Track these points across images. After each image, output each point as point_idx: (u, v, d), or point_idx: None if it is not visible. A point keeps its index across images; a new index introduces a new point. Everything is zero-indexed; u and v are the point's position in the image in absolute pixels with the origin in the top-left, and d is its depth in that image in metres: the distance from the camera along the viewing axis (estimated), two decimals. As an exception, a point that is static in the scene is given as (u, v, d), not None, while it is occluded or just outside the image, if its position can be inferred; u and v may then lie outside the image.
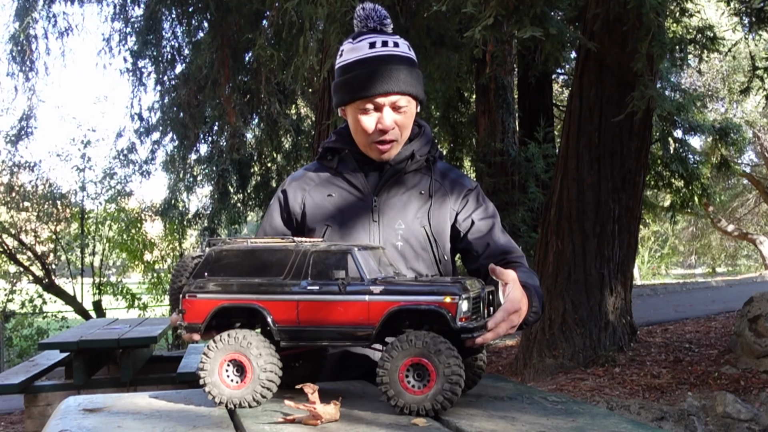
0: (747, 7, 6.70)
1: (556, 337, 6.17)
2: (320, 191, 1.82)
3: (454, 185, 1.83)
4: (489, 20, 4.60)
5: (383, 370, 1.23)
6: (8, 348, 12.59)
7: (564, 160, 6.41)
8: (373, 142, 1.76)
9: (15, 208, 13.27)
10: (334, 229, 1.77)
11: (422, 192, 1.79)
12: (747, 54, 10.71)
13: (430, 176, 1.82)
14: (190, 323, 1.36)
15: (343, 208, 1.79)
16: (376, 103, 1.71)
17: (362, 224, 1.77)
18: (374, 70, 1.69)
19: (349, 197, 1.80)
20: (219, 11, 8.94)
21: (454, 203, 1.82)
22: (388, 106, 1.71)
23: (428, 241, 1.77)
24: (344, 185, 1.81)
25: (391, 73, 1.69)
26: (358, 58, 1.72)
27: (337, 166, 1.83)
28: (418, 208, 1.78)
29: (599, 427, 1.21)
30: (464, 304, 1.24)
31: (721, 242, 27.44)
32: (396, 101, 1.71)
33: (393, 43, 1.72)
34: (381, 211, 1.77)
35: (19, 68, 10.40)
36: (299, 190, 1.85)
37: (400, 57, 1.72)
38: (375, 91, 1.69)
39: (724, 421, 4.41)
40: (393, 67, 1.69)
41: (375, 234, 1.76)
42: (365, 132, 1.75)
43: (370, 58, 1.70)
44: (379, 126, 1.72)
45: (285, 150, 13.80)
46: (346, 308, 1.28)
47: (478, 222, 1.81)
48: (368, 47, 1.71)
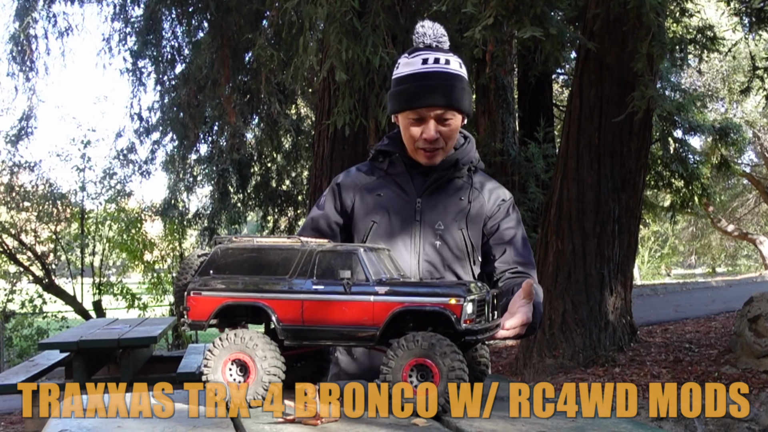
0: (747, 7, 6.70)
1: (556, 337, 6.16)
2: (370, 190, 1.98)
3: (491, 194, 1.99)
4: (489, 20, 4.60)
5: (387, 368, 1.23)
6: (8, 348, 12.59)
7: (564, 160, 6.41)
8: (420, 149, 1.91)
9: (15, 208, 13.27)
10: (379, 226, 1.93)
11: (462, 198, 1.95)
12: (747, 54, 10.71)
13: (471, 184, 1.98)
14: (194, 320, 1.36)
15: (389, 207, 1.94)
16: (422, 115, 1.87)
17: (405, 223, 1.92)
18: (423, 84, 1.84)
19: (396, 197, 1.95)
20: (219, 11, 8.93)
21: (489, 211, 1.97)
22: (433, 118, 1.86)
23: (464, 243, 1.92)
24: (392, 186, 1.97)
25: (437, 89, 1.84)
26: (410, 72, 1.87)
27: (387, 168, 1.99)
28: (457, 212, 1.93)
29: (599, 427, 1.21)
30: (469, 306, 1.25)
31: (721, 242, 27.44)
32: (441, 114, 1.86)
33: (444, 60, 1.86)
34: (423, 212, 1.92)
35: (19, 68, 10.38)
36: (351, 186, 2.01)
37: (448, 73, 1.86)
38: (421, 104, 1.85)
39: (724, 421, 4.41)
40: (441, 83, 1.85)
41: (416, 233, 1.91)
42: (412, 139, 1.91)
43: (420, 73, 1.85)
44: (424, 135, 1.87)
45: (285, 150, 13.80)
46: (351, 308, 1.28)
47: (502, 229, 1.96)
48: (421, 63, 1.86)
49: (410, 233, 1.91)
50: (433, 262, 1.90)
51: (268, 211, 14.05)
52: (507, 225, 1.98)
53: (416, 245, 1.91)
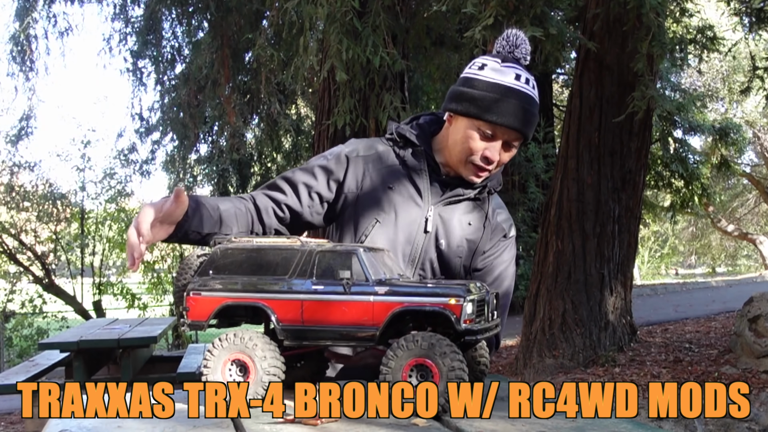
0: (747, 7, 6.70)
1: (556, 337, 6.17)
2: (382, 178, 1.77)
3: (496, 228, 1.85)
4: (489, 20, 4.60)
5: (387, 368, 1.23)
6: (8, 348, 12.59)
7: (564, 160, 6.41)
8: (471, 163, 1.74)
9: (15, 208, 13.27)
10: (382, 226, 1.75)
11: (470, 223, 1.80)
12: (747, 54, 10.71)
13: (485, 212, 1.83)
14: (193, 321, 1.36)
15: (397, 206, 1.76)
16: (495, 132, 1.70)
17: (410, 231, 1.76)
18: (512, 102, 1.68)
19: (408, 198, 1.77)
20: (219, 11, 8.93)
21: (488, 244, 1.84)
22: (502, 140, 1.72)
23: (458, 272, 1.80)
24: (406, 182, 1.78)
25: (522, 113, 1.69)
26: (502, 83, 1.69)
27: (407, 158, 1.79)
28: (462, 238, 1.79)
29: (599, 427, 1.21)
30: (468, 306, 1.25)
31: (721, 242, 27.45)
32: (512, 139, 1.72)
33: (532, 85, 1.73)
34: (431, 224, 1.76)
35: (19, 68, 10.38)
36: (363, 164, 1.79)
37: (534, 100, 1.72)
38: (503, 122, 1.68)
39: (724, 421, 4.41)
40: (526, 107, 1.70)
41: (419, 246, 1.76)
42: (470, 152, 1.72)
43: (513, 89, 1.69)
44: (487, 153, 1.71)
45: (285, 150, 13.81)
46: (350, 308, 1.28)
47: (492, 265, 1.85)
48: (514, 78, 1.70)
49: (413, 243, 1.76)
50: (426, 278, 1.78)
51: (269, 211, 14.04)
52: (500, 263, 1.86)
53: (416, 258, 1.76)
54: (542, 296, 6.30)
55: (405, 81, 7.51)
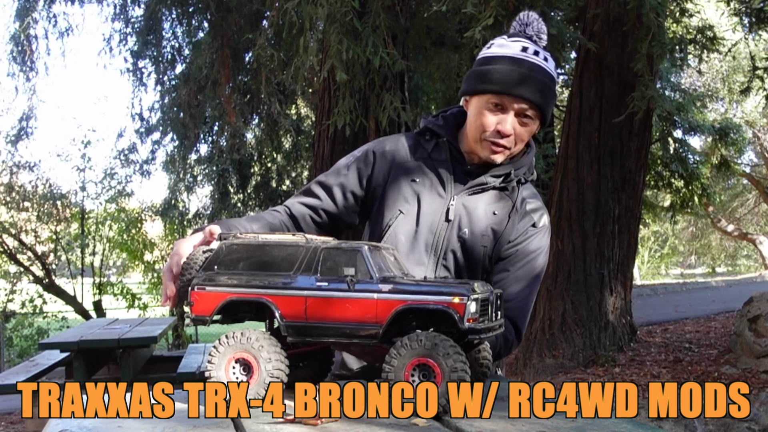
0: (747, 7, 6.71)
1: (556, 337, 6.17)
2: (407, 171, 1.77)
3: (524, 217, 1.79)
4: (489, 20, 4.60)
5: (389, 366, 1.23)
6: (8, 348, 12.59)
7: (564, 160, 6.42)
8: (487, 140, 1.70)
9: (15, 208, 13.28)
10: (405, 217, 1.74)
11: (496, 213, 1.75)
12: (747, 54, 10.71)
13: (513, 201, 1.77)
14: (197, 315, 1.36)
15: (421, 197, 1.75)
16: (504, 103, 1.67)
17: (433, 220, 1.74)
18: (517, 71, 1.65)
19: (431, 189, 1.75)
20: (219, 11, 8.93)
21: (514, 233, 1.78)
22: (514, 111, 1.67)
23: (481, 261, 1.75)
24: (431, 174, 1.76)
25: (531, 81, 1.65)
26: (506, 54, 1.67)
27: (431, 151, 1.78)
28: (486, 227, 1.74)
29: (599, 427, 1.21)
30: (472, 305, 1.25)
31: (721, 242, 27.45)
32: (524, 110, 1.67)
33: (543, 57, 1.69)
34: (454, 214, 1.73)
35: (19, 68, 10.39)
36: (389, 160, 1.79)
37: (544, 70, 1.68)
38: (510, 91, 1.65)
39: (724, 421, 4.41)
40: (535, 76, 1.66)
41: (441, 235, 1.73)
42: (482, 128, 1.69)
43: (518, 59, 1.66)
44: (499, 127, 1.67)
45: (285, 150, 13.81)
46: (354, 305, 1.28)
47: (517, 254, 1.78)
48: (520, 49, 1.67)
49: (435, 233, 1.74)
50: (450, 269, 1.74)
51: (269, 211, 14.05)
52: (525, 258, 1.78)
53: (438, 248, 1.74)
54: (542, 296, 6.30)
55: (405, 81, 7.50)
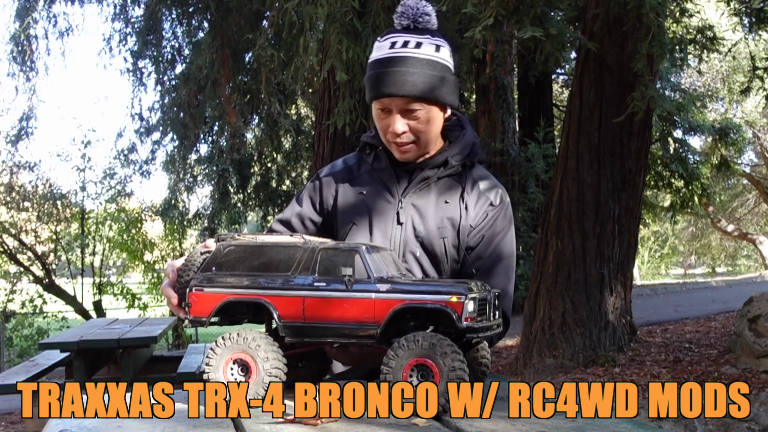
0: (747, 7, 6.70)
1: (556, 337, 6.16)
2: (354, 186, 1.79)
3: (479, 198, 1.76)
4: (489, 20, 4.60)
5: (388, 367, 1.23)
6: (8, 348, 12.59)
7: (564, 160, 6.41)
8: (391, 142, 1.72)
9: (15, 208, 13.29)
10: (359, 228, 1.75)
11: (448, 201, 1.74)
12: (747, 54, 10.71)
13: (462, 186, 1.75)
14: (195, 316, 1.36)
15: (371, 207, 1.76)
16: (385, 105, 1.67)
17: (386, 226, 1.74)
18: (384, 71, 1.63)
19: (379, 197, 1.76)
20: (219, 11, 8.94)
21: (474, 218, 1.75)
22: (397, 110, 1.66)
23: (444, 253, 1.72)
24: (376, 184, 1.78)
25: (398, 76, 1.62)
26: (375, 58, 1.68)
27: (373, 162, 1.80)
28: (441, 219, 1.73)
29: (599, 427, 1.21)
30: (470, 304, 1.25)
31: (721, 242, 27.45)
32: (405, 105, 1.65)
33: (415, 44, 1.64)
34: (405, 215, 1.73)
35: (19, 68, 10.41)
36: (334, 181, 1.83)
37: (413, 59, 1.63)
38: (379, 94, 1.65)
39: (724, 421, 4.41)
40: (404, 69, 1.62)
41: (396, 238, 1.73)
42: (383, 132, 1.72)
43: (384, 58, 1.65)
44: (390, 129, 1.68)
45: (285, 150, 13.82)
46: (352, 305, 1.28)
47: (486, 237, 1.75)
48: (389, 47, 1.65)
49: (390, 239, 1.73)
50: (413, 270, 1.71)
51: (268, 211, 14.07)
52: (494, 240, 1.75)
53: (395, 251, 1.71)
54: (542, 296, 6.30)
55: (405, 81, 7.49)
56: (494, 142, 11.14)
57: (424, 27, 1.67)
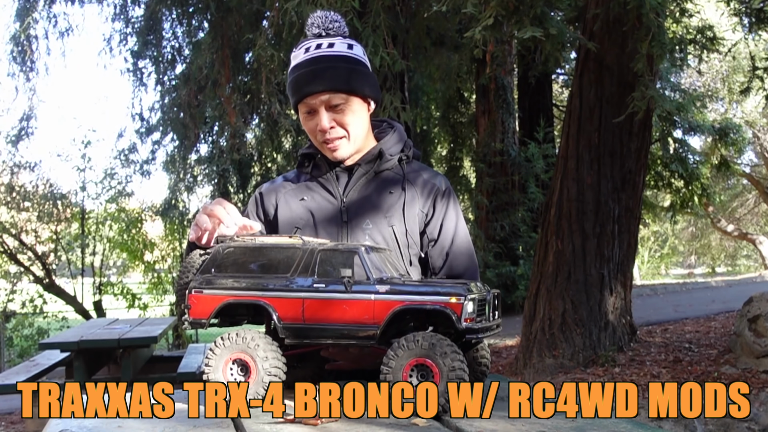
0: (747, 7, 6.71)
1: (556, 337, 6.17)
2: (294, 195, 1.84)
3: (425, 185, 1.82)
4: (489, 20, 4.60)
5: (387, 368, 1.23)
6: (9, 348, 12.59)
7: (564, 160, 6.41)
8: (322, 143, 1.77)
9: (15, 208, 13.29)
10: (303, 232, 1.77)
11: (392, 192, 1.79)
12: (747, 54, 10.71)
13: (402, 175, 1.81)
14: (195, 318, 1.36)
15: (314, 210, 1.80)
16: (309, 105, 1.73)
17: (332, 226, 1.78)
18: (303, 72, 1.71)
19: (321, 200, 1.81)
20: (219, 11, 8.94)
21: (423, 205, 1.81)
22: (323, 107, 1.73)
23: (396, 242, 1.76)
24: (318, 189, 1.83)
25: (316, 73, 1.70)
26: (292, 65, 1.76)
27: (312, 171, 1.85)
28: (388, 208, 1.77)
29: (599, 427, 1.21)
30: (469, 305, 1.25)
31: (721, 242, 27.46)
32: (328, 100, 1.72)
33: (327, 44, 1.72)
34: (350, 211, 1.78)
35: (19, 68, 10.42)
36: (273, 193, 1.88)
37: (329, 56, 1.71)
38: (302, 94, 1.72)
39: (724, 421, 4.41)
40: (321, 66, 1.70)
41: (344, 235, 1.77)
42: (312, 135, 1.78)
43: (301, 63, 1.73)
44: (318, 127, 1.74)
45: (285, 150, 13.81)
46: (352, 307, 1.28)
47: (445, 228, 1.81)
48: (303, 52, 1.74)
49: (337, 237, 1.77)
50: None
51: (269, 211, 14.05)
52: (451, 230, 1.81)
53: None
54: (542, 296, 6.30)
55: (405, 81, 7.51)
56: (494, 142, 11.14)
57: (335, 33, 1.76)
